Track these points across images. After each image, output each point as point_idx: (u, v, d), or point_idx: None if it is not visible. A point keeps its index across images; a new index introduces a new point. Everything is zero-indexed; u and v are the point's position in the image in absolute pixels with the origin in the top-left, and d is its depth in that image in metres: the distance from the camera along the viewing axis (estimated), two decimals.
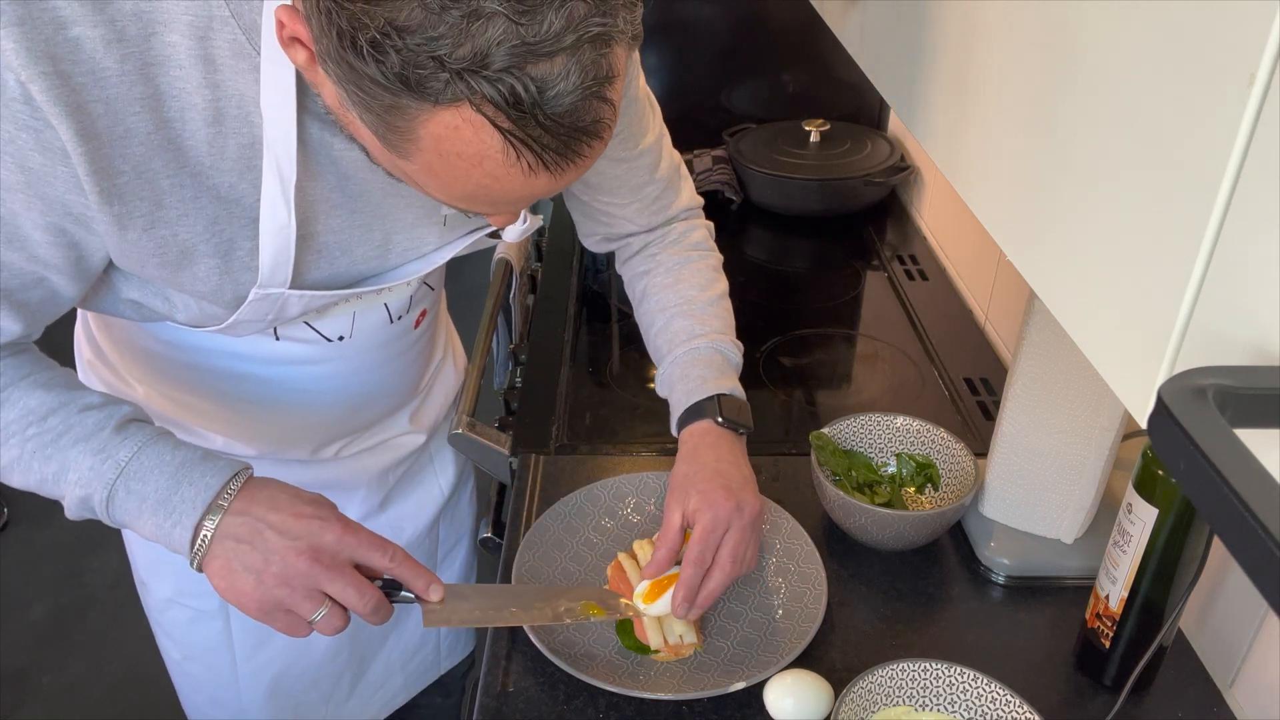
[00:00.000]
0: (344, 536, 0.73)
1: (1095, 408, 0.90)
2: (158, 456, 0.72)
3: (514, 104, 0.52)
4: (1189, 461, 0.28)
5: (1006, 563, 0.97)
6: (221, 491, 0.72)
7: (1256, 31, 0.31)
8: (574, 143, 0.56)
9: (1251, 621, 0.84)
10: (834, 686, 0.82)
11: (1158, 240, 0.37)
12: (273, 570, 0.71)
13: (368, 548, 0.74)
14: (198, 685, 1.11)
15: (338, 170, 0.75)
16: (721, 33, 1.84)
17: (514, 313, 1.49)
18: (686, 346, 0.96)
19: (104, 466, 0.72)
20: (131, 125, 0.65)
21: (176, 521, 0.71)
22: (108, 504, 0.72)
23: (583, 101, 0.54)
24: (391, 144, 0.57)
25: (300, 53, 0.59)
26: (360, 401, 1.00)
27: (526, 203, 0.62)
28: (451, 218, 0.85)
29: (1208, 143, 0.34)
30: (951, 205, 1.56)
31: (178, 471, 0.72)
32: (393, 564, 0.75)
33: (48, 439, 0.72)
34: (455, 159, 0.56)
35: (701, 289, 1.00)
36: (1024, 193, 0.49)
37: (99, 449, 0.72)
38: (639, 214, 1.00)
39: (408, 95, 0.52)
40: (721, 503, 0.85)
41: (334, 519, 0.74)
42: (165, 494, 0.72)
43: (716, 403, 0.92)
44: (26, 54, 0.59)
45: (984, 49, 0.54)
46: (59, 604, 2.18)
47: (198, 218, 0.71)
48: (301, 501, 0.74)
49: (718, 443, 0.91)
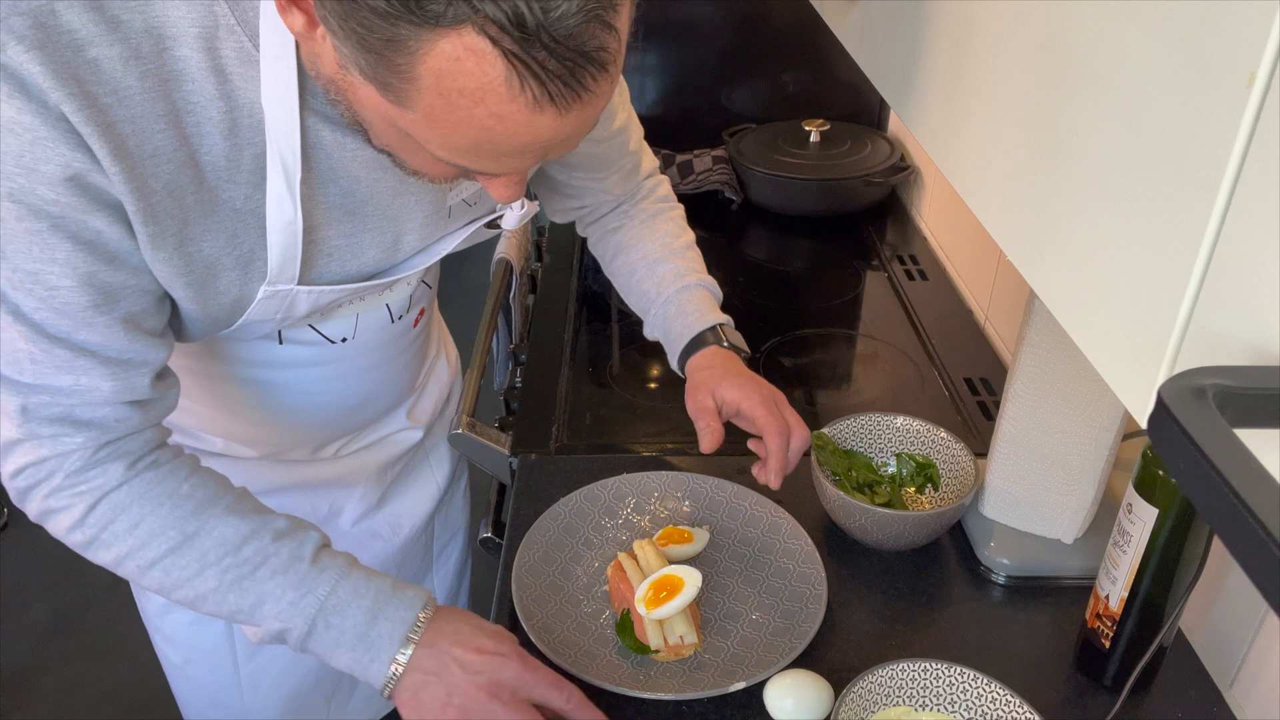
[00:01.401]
0: (523, 674, 0.76)
1: (1095, 408, 0.90)
2: (354, 590, 0.75)
3: (518, 24, 0.51)
4: (1189, 461, 0.28)
5: (1006, 563, 0.97)
6: (413, 625, 0.75)
7: (1256, 31, 0.31)
8: (579, 71, 0.54)
9: (1251, 621, 0.84)
10: (834, 686, 0.82)
11: (1158, 240, 0.37)
12: (455, 703, 0.74)
13: (545, 687, 0.77)
14: (199, 689, 1.11)
15: (347, 175, 0.74)
16: (721, 33, 1.84)
17: (514, 313, 1.49)
18: (676, 286, 1.03)
19: (304, 602, 0.74)
20: (159, 143, 0.64)
21: (374, 657, 0.75)
22: (306, 638, 0.75)
23: (586, 24, 0.52)
24: (392, 90, 0.55)
25: (297, 18, 0.57)
26: (361, 401, 1.00)
27: (531, 153, 0.59)
28: (456, 208, 0.85)
29: (1208, 142, 0.33)
30: (951, 205, 1.56)
31: (373, 606, 0.75)
32: (568, 705, 0.77)
33: (245, 570, 0.74)
34: (457, 97, 0.54)
35: (676, 236, 1.06)
36: (1024, 193, 0.49)
37: (298, 583, 0.74)
38: (617, 185, 1.05)
39: (408, 21, 0.51)
40: (760, 387, 0.94)
41: (514, 656, 0.77)
42: (363, 629, 0.75)
43: (718, 330, 1.00)
44: (54, 77, 0.59)
45: (983, 49, 0.54)
46: (59, 604, 2.18)
47: (218, 232, 0.70)
48: (484, 635, 0.77)
49: (731, 361, 0.99)
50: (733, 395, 0.94)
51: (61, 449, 0.71)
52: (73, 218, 0.63)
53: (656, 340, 1.06)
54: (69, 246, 0.64)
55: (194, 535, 0.73)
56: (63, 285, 0.65)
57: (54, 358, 0.67)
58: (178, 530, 0.73)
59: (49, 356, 0.67)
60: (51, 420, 0.70)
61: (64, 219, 0.63)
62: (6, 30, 0.58)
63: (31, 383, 0.68)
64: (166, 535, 0.73)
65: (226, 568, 0.74)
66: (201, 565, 0.74)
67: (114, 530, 0.73)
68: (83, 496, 0.72)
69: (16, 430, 0.70)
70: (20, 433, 0.70)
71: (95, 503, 0.72)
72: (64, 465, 0.71)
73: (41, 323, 0.66)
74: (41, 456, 0.71)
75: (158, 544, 0.73)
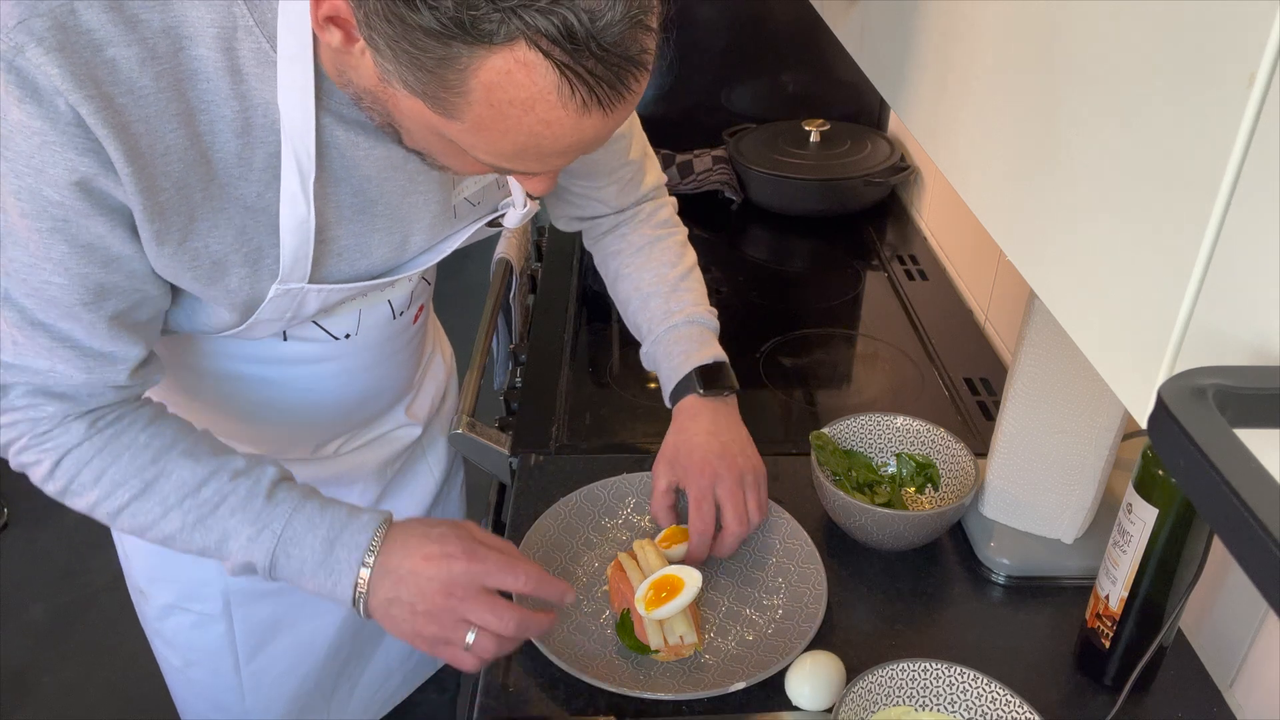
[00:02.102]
0: (471, 568, 0.78)
1: (1095, 408, 0.90)
2: (308, 521, 0.78)
3: (568, 36, 0.53)
4: (1189, 461, 0.28)
5: (1006, 563, 0.97)
6: (367, 548, 0.78)
7: (1256, 31, 0.31)
8: (624, 74, 0.57)
9: (1251, 621, 0.84)
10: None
11: (1158, 240, 0.37)
12: (421, 610, 0.77)
13: (498, 573, 0.78)
14: (200, 692, 1.11)
15: (358, 174, 0.75)
16: (721, 33, 1.84)
17: (514, 313, 1.49)
18: (665, 325, 1.01)
19: (261, 536, 0.77)
20: (170, 142, 0.66)
21: (336, 582, 0.77)
22: (270, 570, 0.78)
23: (630, 31, 0.55)
24: (441, 104, 0.57)
25: (335, 33, 0.59)
26: (363, 397, 1.01)
27: (574, 152, 0.62)
28: (459, 206, 0.86)
29: (1208, 142, 0.33)
30: (951, 205, 1.56)
31: (328, 534, 0.78)
32: (526, 587, 0.79)
33: (205, 510, 0.77)
34: (507, 107, 0.56)
35: (672, 265, 1.05)
36: (1024, 193, 0.49)
37: (254, 518, 0.77)
38: (614, 195, 1.04)
39: (462, 40, 0.53)
40: (705, 469, 0.93)
41: (459, 554, 0.78)
42: (321, 557, 0.77)
43: (693, 378, 0.98)
44: (72, 78, 0.60)
45: (984, 50, 0.54)
46: (59, 604, 2.18)
47: (227, 229, 0.72)
48: (430, 541, 0.78)
49: (699, 414, 0.97)
50: (681, 476, 0.95)
51: (33, 415, 0.74)
52: (74, 221, 0.65)
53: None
54: (65, 248, 0.66)
55: (154, 481, 0.76)
56: (55, 281, 0.67)
57: (35, 343, 0.70)
58: (138, 478, 0.76)
59: (31, 342, 0.70)
60: (27, 393, 0.73)
61: (66, 221, 0.65)
62: (25, 31, 0.59)
63: (10, 362, 0.71)
64: (129, 484, 0.76)
65: (188, 509, 0.77)
66: (165, 509, 0.76)
67: (81, 481, 0.76)
68: (48, 453, 0.75)
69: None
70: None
71: (60, 459, 0.75)
72: (34, 429, 0.74)
73: (30, 308, 0.69)
74: (13, 420, 0.74)
75: (121, 492, 0.76)
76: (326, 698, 1.16)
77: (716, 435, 0.96)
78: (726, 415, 0.98)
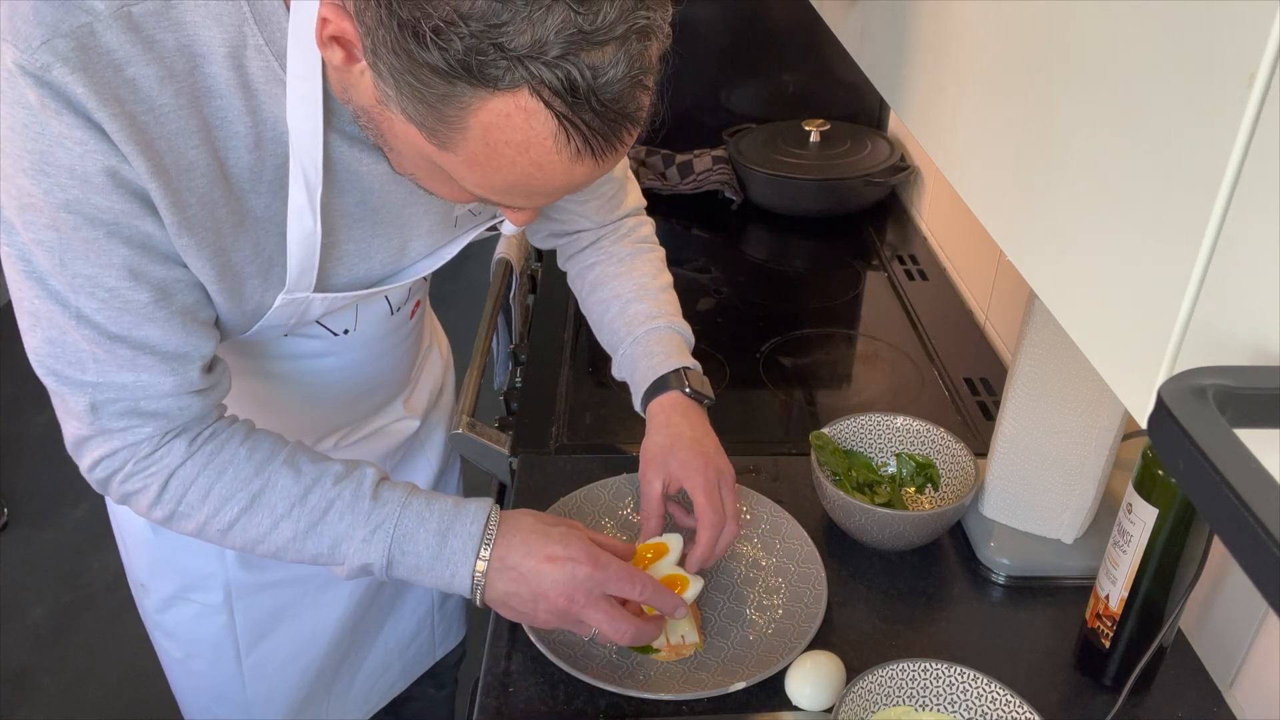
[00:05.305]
0: (595, 575, 0.79)
1: (1095, 408, 0.90)
2: (417, 517, 0.79)
3: (571, 89, 0.54)
4: (1189, 461, 0.28)
5: (1006, 563, 0.97)
6: (482, 541, 0.79)
7: (1256, 31, 0.31)
8: (619, 128, 0.58)
9: (1251, 621, 0.84)
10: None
11: (1158, 240, 0.37)
12: (542, 609, 0.80)
13: (619, 582, 0.80)
14: (202, 684, 1.11)
15: (361, 185, 0.77)
16: (721, 33, 1.84)
17: (514, 313, 1.49)
18: (647, 326, 1.01)
19: (375, 536, 0.78)
20: (193, 158, 0.67)
21: (454, 573, 0.79)
22: (388, 568, 0.79)
23: (629, 89, 0.57)
24: (437, 135, 0.58)
25: (337, 52, 0.60)
26: (361, 391, 1.02)
27: (560, 194, 0.64)
28: (462, 217, 0.88)
29: (1208, 142, 0.33)
30: (951, 205, 1.56)
31: (439, 527, 0.79)
32: (643, 595, 0.81)
33: (315, 517, 0.78)
34: (503, 147, 0.57)
35: (653, 277, 1.05)
36: (1023, 192, 0.49)
37: (364, 520, 0.79)
38: (595, 211, 1.04)
39: (466, 82, 0.54)
40: (706, 467, 0.91)
41: (584, 558, 0.80)
42: (435, 551, 0.79)
43: (682, 375, 0.97)
44: (96, 97, 0.61)
45: (983, 49, 0.54)
46: (59, 604, 2.18)
47: (244, 241, 0.73)
48: (552, 541, 0.80)
49: (688, 412, 0.96)
50: (679, 473, 0.92)
51: (132, 439, 0.75)
52: (125, 223, 0.67)
53: (623, 381, 1.03)
54: (125, 250, 0.68)
55: (260, 492, 0.78)
56: (121, 285, 0.69)
57: (116, 356, 0.71)
58: (245, 491, 0.78)
59: (111, 356, 0.71)
60: (120, 414, 0.74)
61: (117, 225, 0.66)
62: (50, 51, 0.60)
63: (95, 381, 0.72)
64: (237, 498, 0.78)
65: (297, 518, 0.78)
66: (274, 520, 0.78)
67: (189, 502, 0.77)
68: (154, 477, 0.76)
69: (88, 428, 0.74)
70: (91, 429, 0.74)
71: (166, 480, 0.77)
72: (135, 454, 0.76)
73: (104, 323, 0.69)
74: (114, 449, 0.75)
75: (230, 507, 0.78)
76: (327, 688, 1.16)
77: (708, 434, 0.96)
78: (707, 422, 0.98)
